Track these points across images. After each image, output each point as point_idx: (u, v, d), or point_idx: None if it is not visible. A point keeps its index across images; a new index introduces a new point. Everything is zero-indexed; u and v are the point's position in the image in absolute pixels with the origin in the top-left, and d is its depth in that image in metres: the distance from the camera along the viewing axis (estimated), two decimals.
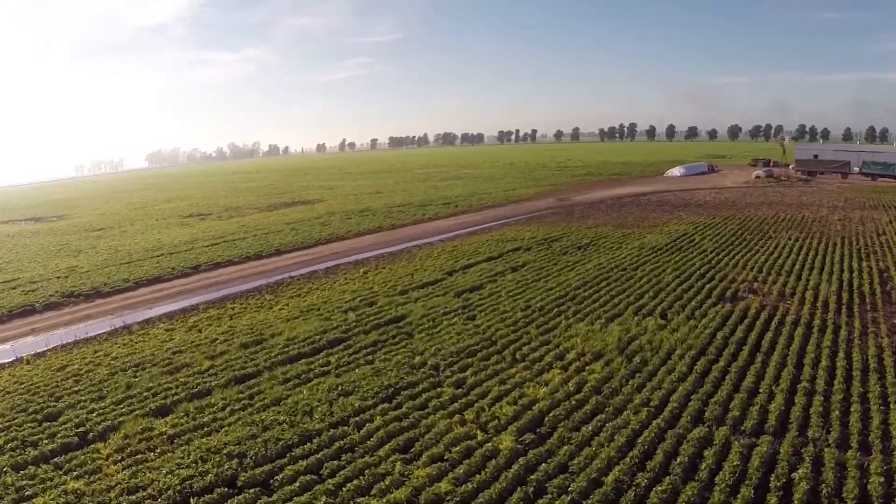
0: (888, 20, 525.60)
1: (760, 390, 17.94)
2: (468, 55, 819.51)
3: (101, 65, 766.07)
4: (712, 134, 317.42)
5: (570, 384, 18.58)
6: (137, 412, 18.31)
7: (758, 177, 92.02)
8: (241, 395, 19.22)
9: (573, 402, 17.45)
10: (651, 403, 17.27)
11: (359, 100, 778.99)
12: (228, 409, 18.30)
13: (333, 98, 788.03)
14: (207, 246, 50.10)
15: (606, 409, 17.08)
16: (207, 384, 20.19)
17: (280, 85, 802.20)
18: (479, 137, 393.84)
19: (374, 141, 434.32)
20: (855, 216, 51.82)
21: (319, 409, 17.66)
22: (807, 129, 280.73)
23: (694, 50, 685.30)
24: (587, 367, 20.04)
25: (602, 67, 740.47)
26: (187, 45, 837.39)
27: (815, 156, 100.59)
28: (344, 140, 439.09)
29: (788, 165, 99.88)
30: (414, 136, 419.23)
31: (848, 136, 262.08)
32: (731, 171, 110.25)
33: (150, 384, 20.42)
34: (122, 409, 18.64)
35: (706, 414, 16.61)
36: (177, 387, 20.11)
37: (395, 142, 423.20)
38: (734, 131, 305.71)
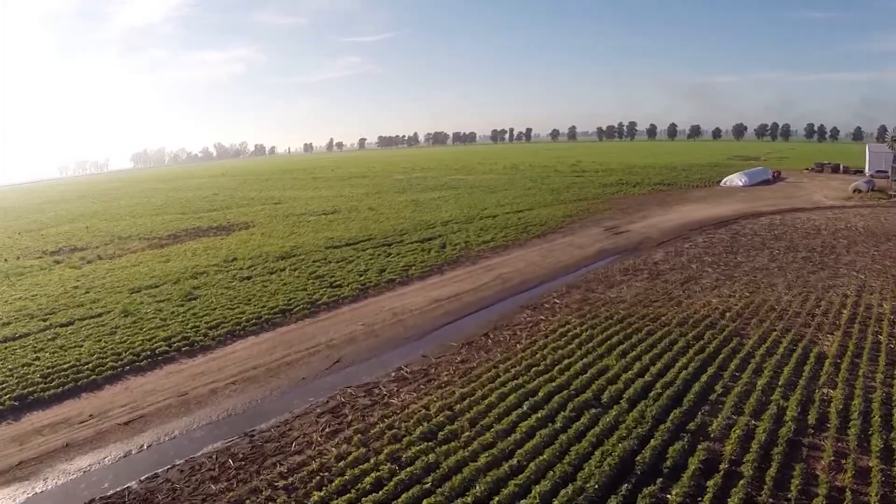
0: (886, 20, 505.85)
1: None
2: (459, 54, 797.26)
3: (88, 63, 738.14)
4: (716, 133, 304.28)
5: None
6: None
7: (857, 190, 66.82)
8: None
9: None
10: None
11: (348, 99, 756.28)
12: None
13: (323, 98, 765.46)
14: None
15: None
16: None
17: (269, 84, 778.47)
18: (472, 137, 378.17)
19: (362, 141, 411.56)
20: None
21: None
22: (815, 128, 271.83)
23: (692, 49, 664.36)
24: None
25: (596, 65, 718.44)
26: (176, 45, 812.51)
27: None
28: (332, 140, 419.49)
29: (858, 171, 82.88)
30: (404, 136, 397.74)
31: (858, 135, 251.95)
32: (795, 177, 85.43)
33: None
34: None
35: None
36: None
37: (385, 141, 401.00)
38: (739, 130, 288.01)
